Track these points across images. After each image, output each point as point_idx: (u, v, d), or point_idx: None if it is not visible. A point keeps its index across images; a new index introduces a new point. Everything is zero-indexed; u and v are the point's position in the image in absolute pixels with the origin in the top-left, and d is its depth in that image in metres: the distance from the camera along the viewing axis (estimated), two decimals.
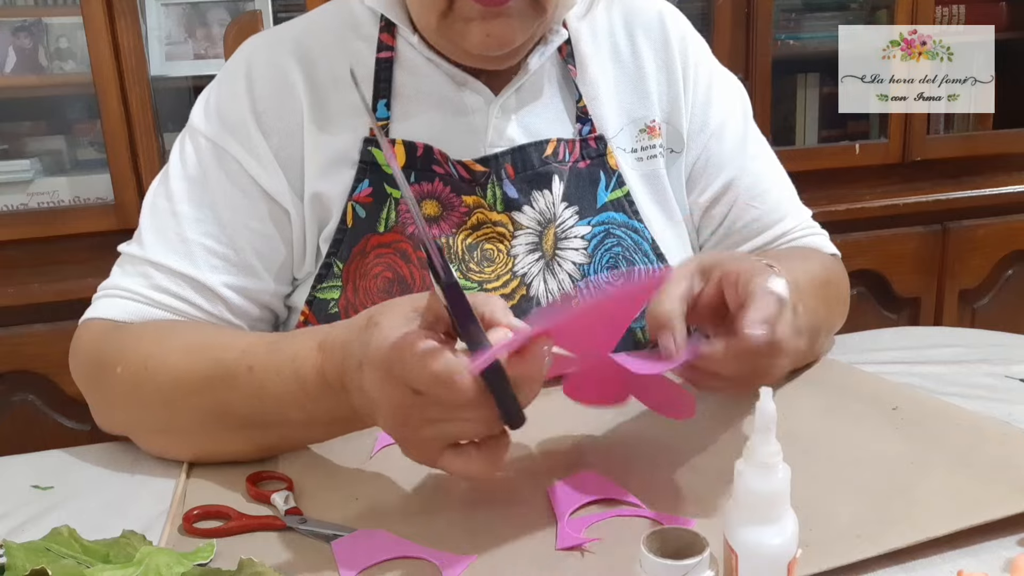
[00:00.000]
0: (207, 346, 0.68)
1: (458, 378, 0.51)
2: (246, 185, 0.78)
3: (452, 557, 0.54)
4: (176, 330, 0.73)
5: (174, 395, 0.67)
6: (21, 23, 1.71)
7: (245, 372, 0.64)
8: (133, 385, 0.69)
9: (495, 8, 0.72)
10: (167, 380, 0.67)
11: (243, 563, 0.51)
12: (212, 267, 0.76)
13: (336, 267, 0.79)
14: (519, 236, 0.81)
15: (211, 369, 0.66)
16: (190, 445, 0.70)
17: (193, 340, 0.70)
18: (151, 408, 0.69)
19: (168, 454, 0.71)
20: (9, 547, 0.51)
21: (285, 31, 0.83)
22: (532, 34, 0.77)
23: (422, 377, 0.51)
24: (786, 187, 0.92)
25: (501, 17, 0.72)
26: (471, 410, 0.53)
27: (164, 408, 0.68)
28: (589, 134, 0.84)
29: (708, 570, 0.42)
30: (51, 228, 1.64)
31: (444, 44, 0.78)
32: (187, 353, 0.68)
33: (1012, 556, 0.52)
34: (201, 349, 0.68)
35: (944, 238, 2.01)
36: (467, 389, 0.51)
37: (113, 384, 0.70)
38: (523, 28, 0.75)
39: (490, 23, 0.72)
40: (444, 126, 0.81)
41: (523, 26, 0.74)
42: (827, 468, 0.63)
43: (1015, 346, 0.90)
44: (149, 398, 0.69)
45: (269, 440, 0.68)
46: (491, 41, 0.74)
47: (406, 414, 0.54)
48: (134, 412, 0.71)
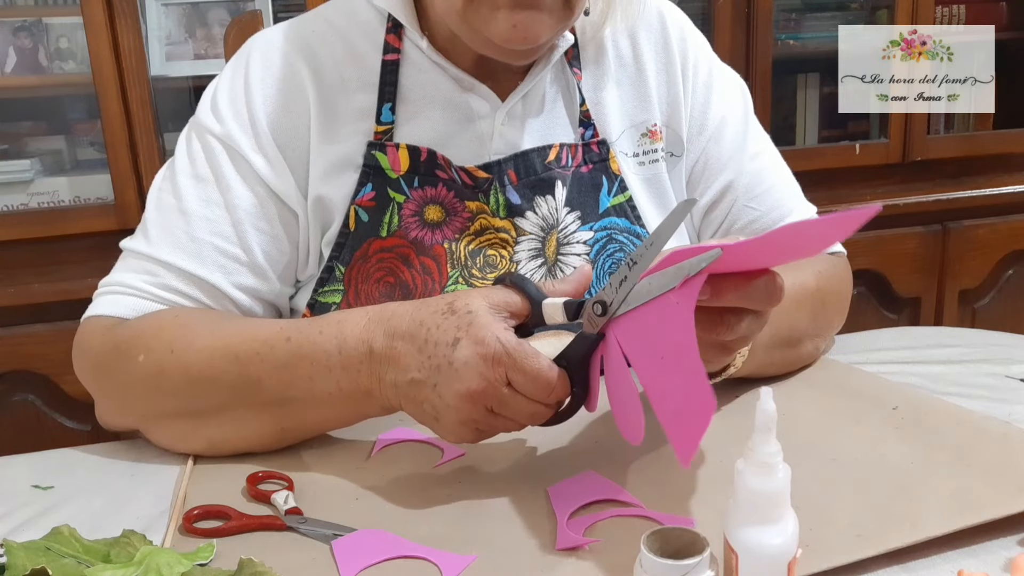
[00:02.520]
0: (237, 328, 0.70)
1: (554, 386, 0.58)
2: (256, 186, 0.78)
3: (452, 557, 0.54)
4: (198, 316, 0.73)
5: (202, 375, 0.68)
6: (21, 23, 1.71)
7: (283, 343, 0.66)
8: (157, 370, 0.69)
9: None
10: (197, 360, 0.68)
11: (243, 563, 0.51)
12: (221, 267, 0.76)
13: (338, 271, 0.79)
14: (522, 242, 0.81)
15: (243, 344, 0.67)
16: (207, 430, 0.70)
17: (220, 323, 0.71)
18: (175, 393, 0.69)
19: (181, 444, 0.71)
20: (9, 547, 0.51)
21: (292, 29, 0.82)
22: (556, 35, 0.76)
23: (528, 380, 0.58)
24: (789, 184, 0.90)
25: (531, 10, 0.70)
26: (541, 412, 0.60)
27: (188, 389, 0.69)
28: (592, 138, 0.84)
29: (708, 570, 0.42)
30: (51, 228, 1.63)
31: (466, 32, 0.75)
32: (215, 335, 0.69)
33: (1012, 556, 0.52)
34: (232, 330, 0.69)
35: (944, 238, 2.01)
36: (557, 397, 0.59)
37: (133, 373, 0.70)
38: (551, 26, 0.73)
39: (518, 14, 0.70)
40: (449, 131, 0.81)
41: (552, 24, 0.73)
42: (827, 468, 0.63)
43: (1015, 346, 0.90)
44: (174, 382, 0.69)
45: (287, 421, 0.68)
46: (516, 33, 0.71)
47: (483, 398, 0.59)
48: (155, 399, 0.71)
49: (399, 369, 0.62)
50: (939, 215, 2.00)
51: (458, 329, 0.59)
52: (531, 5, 0.70)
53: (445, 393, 0.59)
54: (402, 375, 0.62)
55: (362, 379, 0.64)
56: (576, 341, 0.59)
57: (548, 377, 0.58)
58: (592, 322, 0.58)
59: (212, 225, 0.76)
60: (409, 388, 0.61)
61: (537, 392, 0.58)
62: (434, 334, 0.60)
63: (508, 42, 0.72)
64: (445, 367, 0.59)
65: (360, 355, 0.64)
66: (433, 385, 0.60)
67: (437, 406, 0.60)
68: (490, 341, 0.58)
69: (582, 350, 0.59)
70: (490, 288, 0.62)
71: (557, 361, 0.59)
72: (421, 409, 0.62)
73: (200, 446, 0.71)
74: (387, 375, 0.63)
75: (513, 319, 0.61)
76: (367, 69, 0.80)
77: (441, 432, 0.62)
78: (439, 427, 0.62)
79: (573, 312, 0.60)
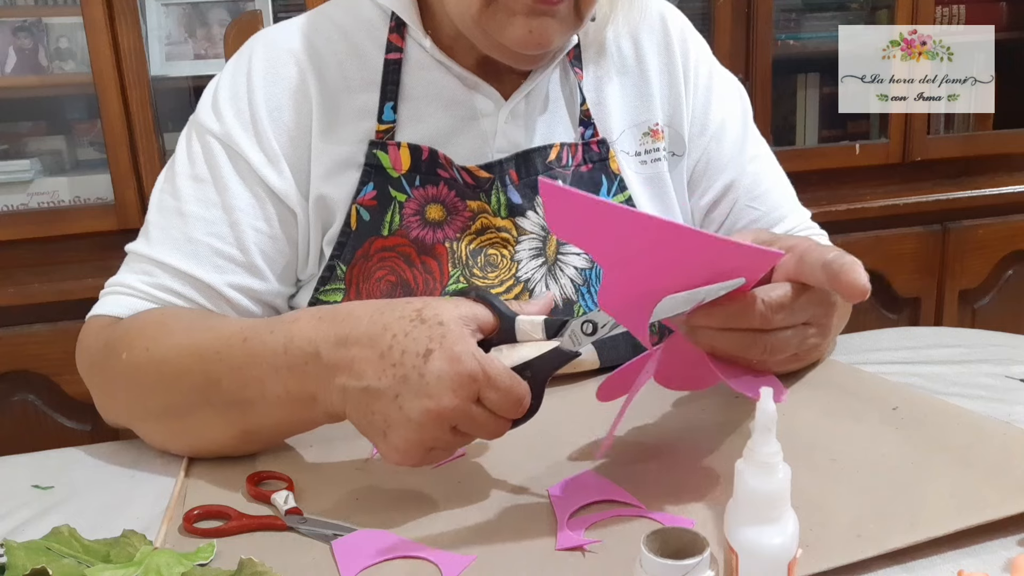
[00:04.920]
0: (208, 326, 0.69)
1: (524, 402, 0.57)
2: (255, 186, 0.78)
3: (452, 557, 0.54)
4: (178, 315, 0.73)
5: (171, 373, 0.67)
6: (21, 23, 1.71)
7: (239, 343, 0.64)
8: (135, 369, 0.69)
9: (545, 6, 0.71)
10: (165, 359, 0.68)
11: (243, 563, 0.51)
12: (216, 267, 0.76)
13: (339, 270, 0.79)
14: (523, 241, 0.81)
15: (207, 343, 0.66)
16: (183, 432, 0.69)
17: (196, 322, 0.71)
18: (151, 392, 0.69)
19: (168, 445, 0.71)
20: (9, 547, 0.51)
21: (295, 28, 0.82)
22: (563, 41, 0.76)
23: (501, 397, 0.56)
24: (785, 188, 0.92)
25: (546, 17, 0.71)
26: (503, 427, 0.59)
27: (162, 388, 0.68)
28: (592, 138, 0.84)
29: (708, 570, 0.42)
30: (51, 228, 1.63)
31: (478, 35, 0.75)
32: (187, 333, 0.69)
33: (1012, 556, 0.52)
34: (202, 328, 0.68)
35: (944, 238, 2.01)
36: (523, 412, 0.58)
37: (118, 371, 0.70)
38: (562, 32, 0.74)
39: (534, 20, 0.71)
40: (452, 129, 0.81)
41: (562, 30, 0.74)
42: (827, 468, 0.63)
43: (1015, 346, 0.90)
44: (149, 381, 0.69)
45: (247, 424, 0.66)
46: (532, 38, 0.72)
47: (452, 417, 0.56)
48: (136, 398, 0.71)
49: (351, 374, 0.58)
50: (939, 215, 2.00)
51: (430, 340, 0.56)
52: (546, 12, 0.71)
53: (410, 407, 0.56)
54: (355, 381, 0.58)
55: (307, 382, 0.61)
56: (550, 355, 0.59)
57: (519, 394, 0.57)
58: (576, 340, 0.59)
59: (209, 226, 0.76)
60: (361, 396, 0.58)
61: (508, 409, 0.57)
62: (401, 342, 0.57)
63: (523, 47, 0.73)
64: (415, 379, 0.56)
65: (306, 355, 0.60)
66: (395, 396, 0.56)
67: (392, 419, 0.57)
68: (466, 359, 0.55)
69: (552, 364, 0.59)
70: (457, 300, 0.60)
71: (521, 373, 0.58)
72: (369, 420, 0.58)
73: (179, 447, 0.71)
74: (336, 379, 0.59)
75: (480, 333, 0.59)
76: (370, 68, 0.80)
77: (384, 448, 0.59)
78: (384, 442, 0.58)
79: (554, 330, 0.59)
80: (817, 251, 0.59)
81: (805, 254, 0.59)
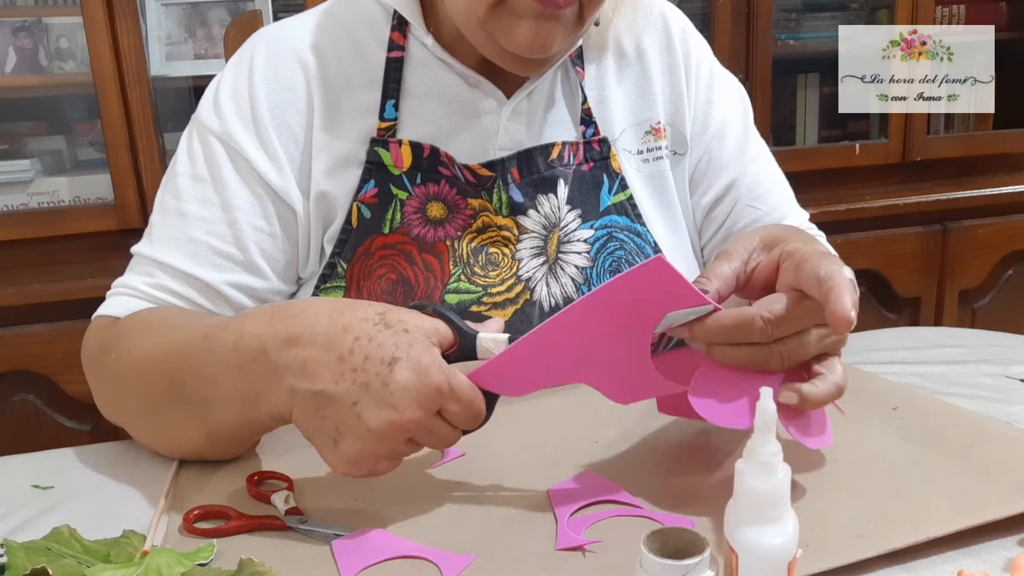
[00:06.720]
0: (181, 325, 0.68)
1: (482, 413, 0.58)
2: (254, 184, 0.77)
3: (452, 557, 0.54)
4: (166, 315, 0.73)
5: (144, 374, 0.68)
6: (21, 23, 1.71)
7: (200, 340, 0.64)
8: (119, 369, 0.70)
9: (552, 10, 0.70)
10: (138, 360, 0.68)
11: (243, 563, 0.51)
12: (216, 266, 0.76)
13: (340, 267, 0.79)
14: (524, 240, 0.81)
15: (175, 342, 0.66)
16: (159, 432, 0.70)
17: (172, 321, 0.71)
18: (130, 393, 0.70)
19: (152, 446, 0.72)
20: (9, 547, 0.51)
21: (297, 26, 0.82)
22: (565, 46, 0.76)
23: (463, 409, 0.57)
24: (784, 189, 0.92)
25: (552, 21, 0.71)
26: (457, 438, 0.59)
27: (139, 389, 0.69)
28: (593, 136, 0.84)
29: (708, 570, 0.42)
30: (51, 228, 1.63)
31: (481, 38, 0.74)
32: (162, 333, 0.69)
33: (1012, 556, 0.52)
34: (176, 328, 0.68)
35: (944, 238, 2.01)
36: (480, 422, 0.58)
37: (109, 371, 0.71)
38: (564, 37, 0.74)
39: (541, 24, 0.71)
40: (453, 127, 0.81)
41: (565, 35, 0.73)
42: (827, 468, 0.63)
43: (1015, 346, 0.90)
44: (128, 382, 0.69)
45: (210, 424, 0.65)
46: (537, 42, 0.72)
47: (413, 429, 0.56)
48: (120, 398, 0.72)
49: (303, 376, 0.56)
50: (939, 215, 2.00)
51: (396, 347, 0.55)
52: (552, 16, 0.71)
53: (369, 416, 0.54)
54: (306, 383, 0.56)
55: (254, 380, 0.59)
56: None
57: (480, 406, 0.57)
58: None
59: (208, 225, 0.76)
60: (312, 400, 0.56)
61: (467, 421, 0.57)
62: (365, 346, 0.55)
63: (528, 51, 0.73)
64: (377, 387, 0.54)
65: (253, 352, 0.59)
66: (352, 403, 0.55)
67: (347, 427, 0.55)
68: (433, 371, 0.55)
69: None
70: (416, 312, 0.59)
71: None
72: (318, 426, 0.56)
73: (161, 448, 0.71)
74: (284, 379, 0.57)
75: (438, 348, 0.58)
76: (371, 66, 0.80)
77: (331, 457, 0.57)
78: (333, 450, 0.56)
79: None
80: (813, 262, 0.59)
81: (801, 264, 0.60)
